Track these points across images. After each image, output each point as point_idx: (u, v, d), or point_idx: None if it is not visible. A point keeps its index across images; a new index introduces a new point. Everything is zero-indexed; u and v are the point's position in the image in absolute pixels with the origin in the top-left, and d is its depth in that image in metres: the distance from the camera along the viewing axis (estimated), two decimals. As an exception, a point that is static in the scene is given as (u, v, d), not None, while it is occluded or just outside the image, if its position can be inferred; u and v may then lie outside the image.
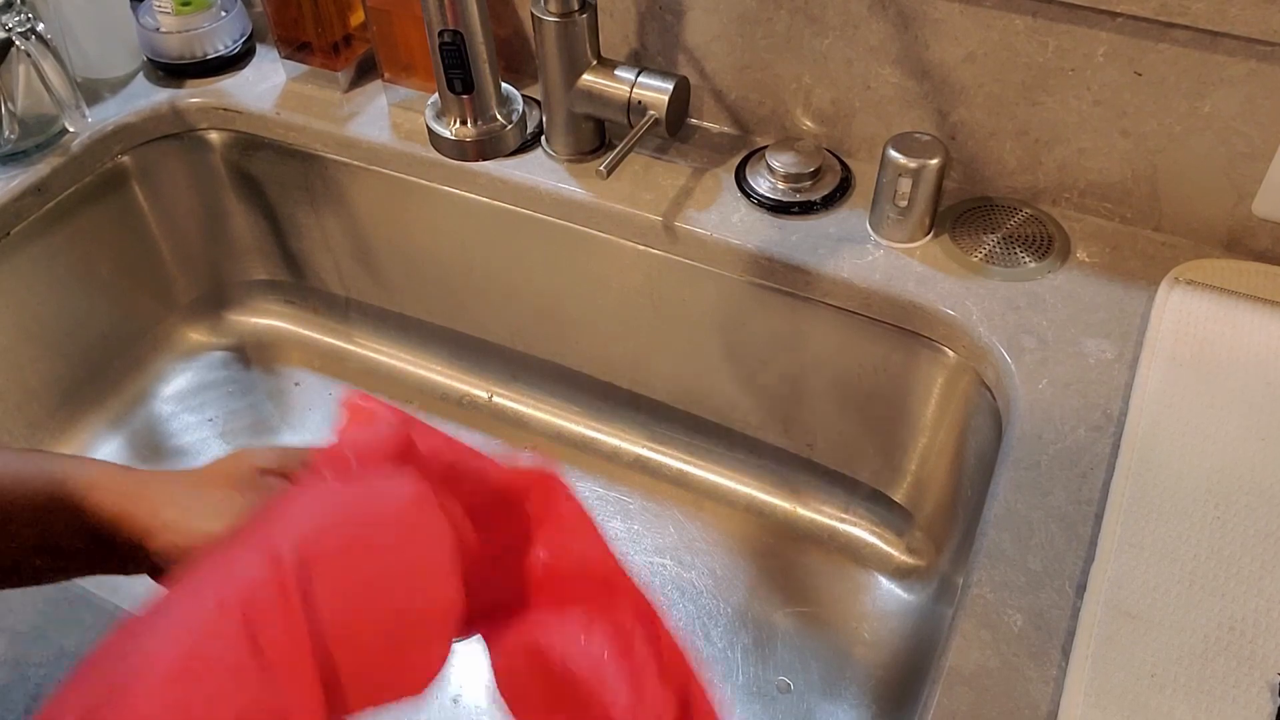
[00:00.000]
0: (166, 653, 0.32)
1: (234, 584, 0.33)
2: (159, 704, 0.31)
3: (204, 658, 0.32)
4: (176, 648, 0.32)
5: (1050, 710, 0.47)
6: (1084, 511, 0.54)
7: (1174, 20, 0.59)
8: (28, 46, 0.73)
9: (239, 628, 0.32)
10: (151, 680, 0.31)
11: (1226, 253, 0.67)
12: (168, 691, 0.31)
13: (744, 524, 0.83)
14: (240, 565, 0.34)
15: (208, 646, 0.32)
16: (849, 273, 0.68)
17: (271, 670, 0.32)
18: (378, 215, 0.86)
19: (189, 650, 0.32)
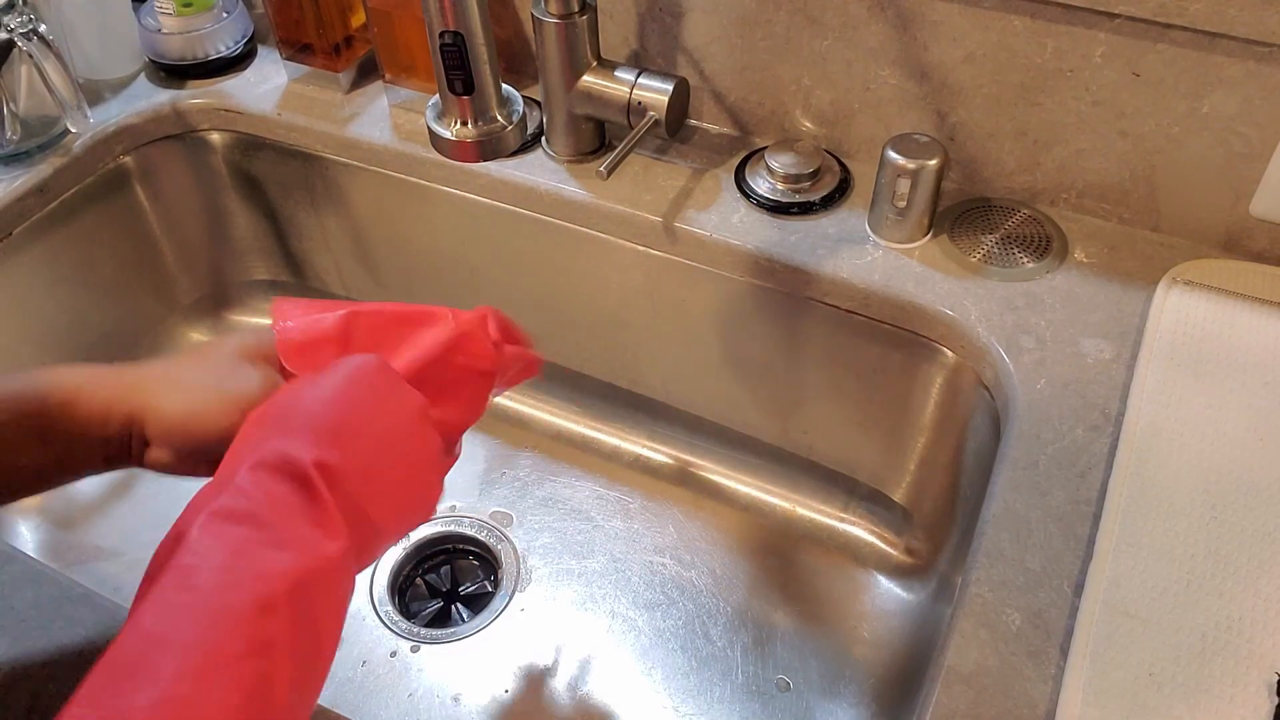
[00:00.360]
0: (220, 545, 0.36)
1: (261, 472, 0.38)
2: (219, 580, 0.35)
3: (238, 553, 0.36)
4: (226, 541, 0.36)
5: (1048, 709, 0.47)
6: (1082, 511, 0.54)
7: (1172, 21, 0.59)
8: (30, 47, 0.73)
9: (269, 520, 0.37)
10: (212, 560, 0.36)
11: (1224, 253, 0.67)
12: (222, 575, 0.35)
13: (744, 524, 0.83)
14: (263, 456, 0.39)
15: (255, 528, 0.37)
16: (848, 273, 0.68)
17: (302, 542, 0.37)
18: (378, 216, 0.86)
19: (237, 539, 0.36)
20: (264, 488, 0.38)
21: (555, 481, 0.86)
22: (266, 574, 0.35)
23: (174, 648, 0.33)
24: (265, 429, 0.41)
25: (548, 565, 0.80)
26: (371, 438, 0.42)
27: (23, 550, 0.60)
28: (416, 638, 0.76)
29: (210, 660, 0.33)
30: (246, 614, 0.34)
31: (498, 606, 0.78)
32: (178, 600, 0.35)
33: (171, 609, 0.34)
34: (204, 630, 0.34)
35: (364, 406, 0.42)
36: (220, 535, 0.36)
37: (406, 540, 0.82)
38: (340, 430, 0.41)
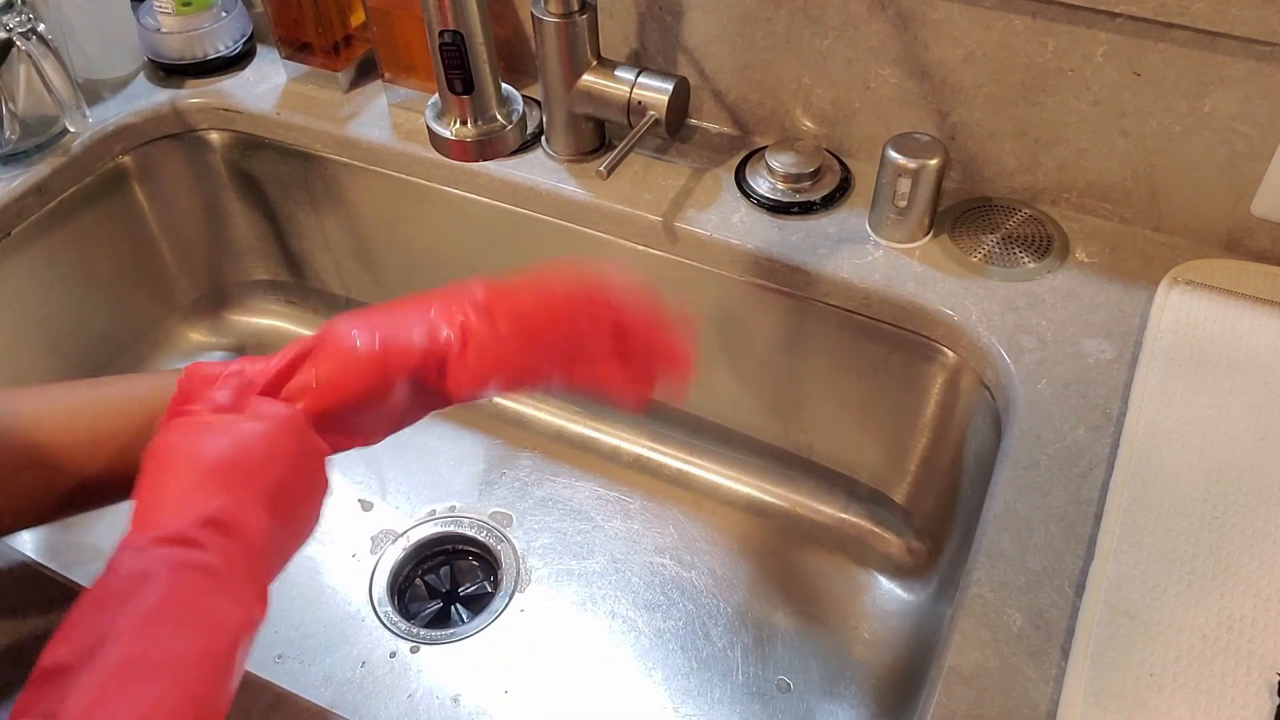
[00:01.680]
0: None
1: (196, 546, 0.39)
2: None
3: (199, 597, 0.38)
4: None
5: (1049, 710, 0.47)
6: (1083, 511, 0.54)
7: (1173, 20, 0.59)
8: (28, 47, 0.73)
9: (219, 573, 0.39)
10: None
11: (1225, 253, 0.67)
12: None
13: (744, 524, 0.83)
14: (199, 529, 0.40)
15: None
16: (848, 273, 0.68)
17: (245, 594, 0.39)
18: (378, 215, 0.86)
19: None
20: (219, 546, 0.39)
21: (555, 482, 0.86)
22: (223, 628, 0.38)
23: (152, 678, 0.35)
24: (204, 473, 0.41)
25: (548, 566, 0.80)
26: (289, 500, 0.43)
27: (22, 550, 0.60)
28: (416, 638, 0.76)
29: (184, 694, 0.35)
30: (216, 664, 0.37)
31: (497, 607, 0.78)
32: (146, 629, 0.36)
33: (164, 641, 0.36)
34: (177, 665, 0.36)
35: (291, 465, 0.43)
36: (188, 586, 0.38)
37: (406, 540, 0.82)
38: (273, 496, 0.42)
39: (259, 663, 0.75)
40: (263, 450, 0.43)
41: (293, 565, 0.62)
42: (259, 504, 0.41)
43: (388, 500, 0.85)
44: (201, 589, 0.38)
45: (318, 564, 0.80)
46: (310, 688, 0.73)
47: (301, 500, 0.44)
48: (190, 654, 0.36)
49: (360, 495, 0.85)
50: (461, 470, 0.87)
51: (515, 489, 0.85)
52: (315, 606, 0.78)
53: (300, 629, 0.76)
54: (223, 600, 0.38)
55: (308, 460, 0.45)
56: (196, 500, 0.40)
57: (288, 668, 0.74)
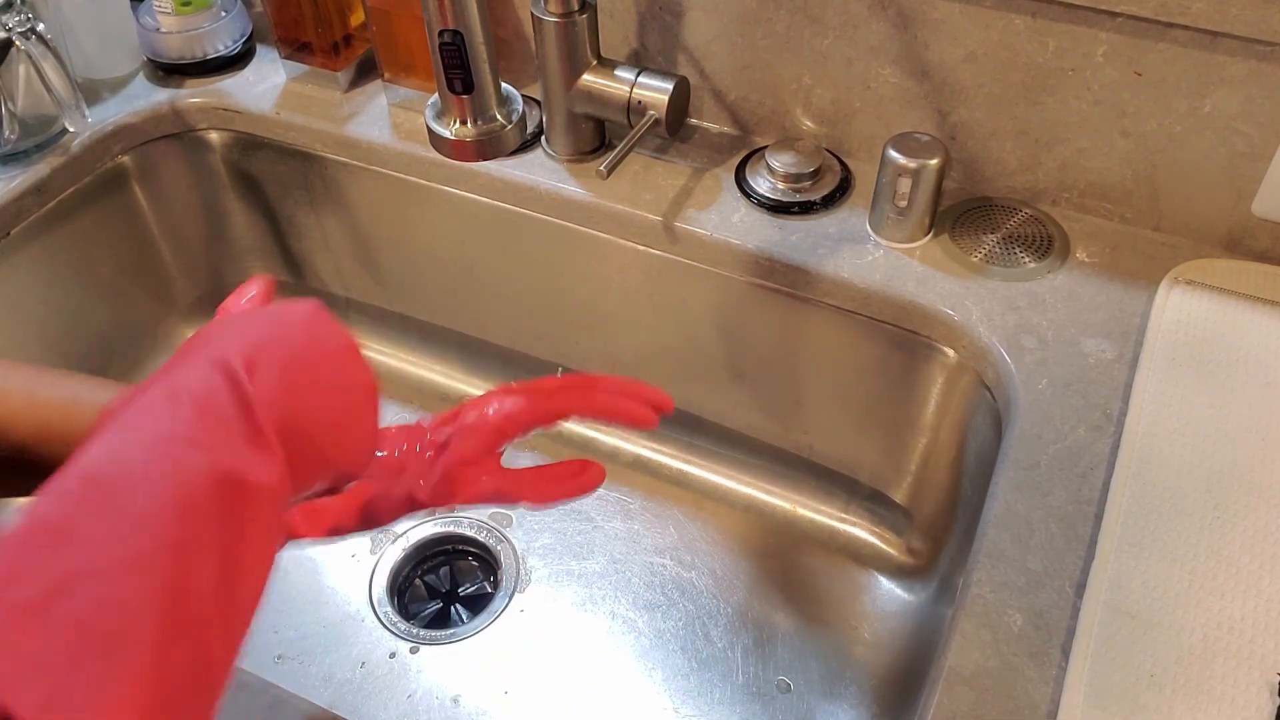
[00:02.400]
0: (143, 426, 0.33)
1: (190, 380, 0.35)
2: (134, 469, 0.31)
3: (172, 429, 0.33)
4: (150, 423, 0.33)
5: (1050, 710, 0.47)
6: (1084, 511, 0.54)
7: (1174, 20, 0.59)
8: (28, 46, 0.73)
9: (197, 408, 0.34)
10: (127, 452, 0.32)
11: (1226, 253, 0.67)
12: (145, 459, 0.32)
13: (744, 524, 0.83)
14: (192, 369, 0.36)
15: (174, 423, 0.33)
16: (849, 273, 0.68)
17: (238, 434, 0.34)
18: (378, 215, 0.86)
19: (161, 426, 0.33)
20: (206, 383, 0.35)
21: (555, 482, 0.86)
22: (190, 469, 0.32)
23: (71, 540, 0.29)
24: (199, 344, 0.38)
25: (547, 566, 0.80)
26: (308, 362, 0.39)
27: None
28: (416, 639, 0.76)
29: (110, 556, 0.29)
30: (165, 509, 0.31)
31: (497, 607, 0.78)
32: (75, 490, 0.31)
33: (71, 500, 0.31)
34: (105, 523, 0.30)
35: (299, 334, 0.40)
36: (156, 416, 0.33)
37: (406, 541, 0.82)
38: (273, 348, 0.38)
39: (259, 663, 0.75)
40: (280, 318, 0.39)
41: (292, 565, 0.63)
42: (277, 361, 0.37)
43: (387, 500, 0.85)
44: (173, 430, 0.32)
45: (317, 564, 0.80)
46: (310, 688, 0.73)
47: (334, 384, 0.40)
48: (126, 508, 0.30)
49: (360, 495, 0.85)
50: (461, 470, 0.87)
51: (515, 489, 0.85)
52: (315, 607, 0.78)
53: (300, 629, 0.76)
54: (198, 450, 0.32)
55: (337, 347, 0.41)
56: (198, 355, 0.36)
57: (287, 668, 0.74)
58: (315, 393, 0.39)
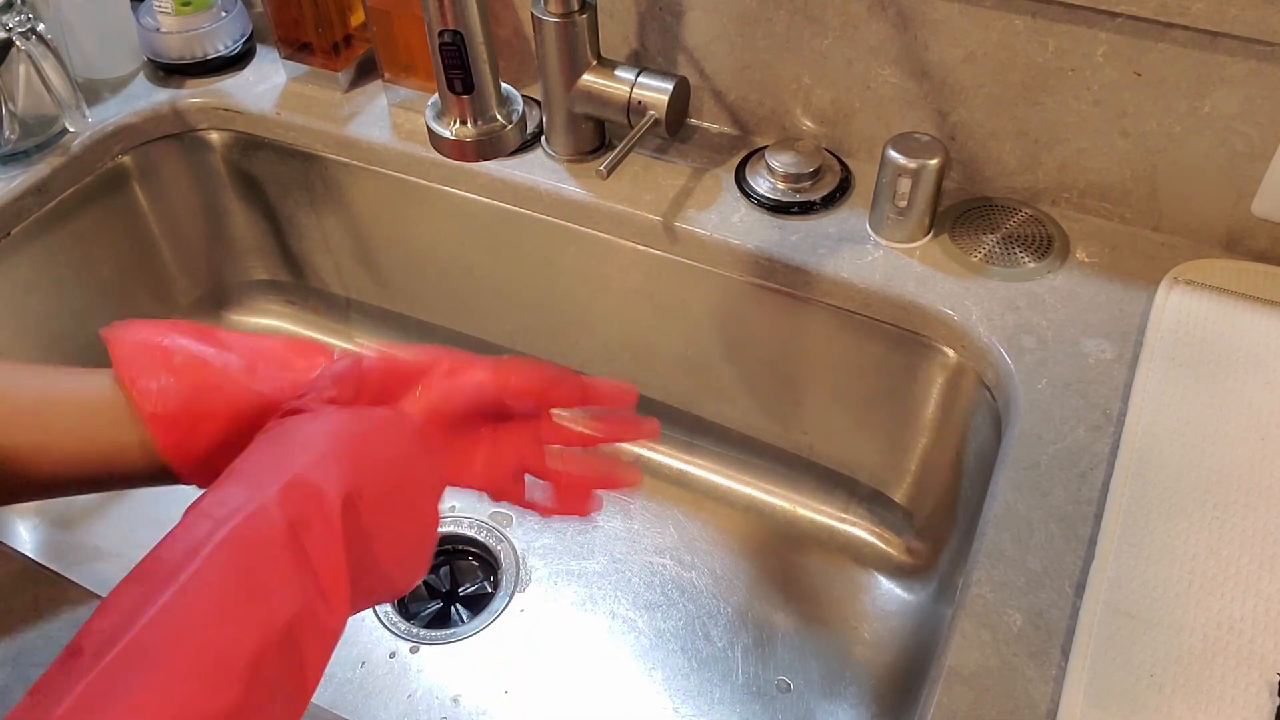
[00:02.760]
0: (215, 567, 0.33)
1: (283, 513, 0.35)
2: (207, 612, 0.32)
3: (251, 574, 0.34)
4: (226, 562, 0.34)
5: (1050, 710, 0.47)
6: (1083, 511, 0.54)
7: (1174, 20, 0.59)
8: (28, 46, 0.73)
9: (288, 548, 0.34)
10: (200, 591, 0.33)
11: (1226, 253, 0.67)
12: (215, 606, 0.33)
13: (744, 524, 0.83)
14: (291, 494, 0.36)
15: (257, 564, 0.34)
16: (849, 273, 0.68)
17: (315, 579, 0.35)
18: (378, 215, 0.86)
19: (239, 567, 0.34)
20: (298, 515, 0.35)
21: (555, 481, 0.86)
22: (267, 614, 0.33)
23: (165, 674, 0.31)
24: (282, 449, 0.38)
25: (547, 566, 0.80)
26: (388, 484, 0.39)
27: (22, 550, 0.60)
28: (416, 639, 0.76)
29: (198, 694, 0.31)
30: (236, 655, 0.32)
31: (497, 607, 0.78)
32: (176, 618, 0.32)
33: (169, 628, 0.32)
34: (195, 655, 0.32)
35: (385, 449, 0.40)
36: (232, 562, 0.34)
37: (406, 540, 0.81)
38: (361, 467, 0.38)
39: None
40: (374, 430, 0.39)
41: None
42: (361, 482, 0.37)
43: (388, 500, 0.85)
44: (253, 564, 0.33)
45: (318, 564, 0.80)
46: (310, 688, 0.73)
47: (409, 508, 0.40)
48: (210, 646, 0.31)
49: (360, 495, 0.85)
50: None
51: (515, 489, 0.85)
52: (315, 606, 0.78)
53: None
54: (277, 582, 0.33)
55: (420, 466, 0.41)
56: (284, 465, 0.36)
57: (288, 668, 0.74)
58: (398, 530, 0.40)
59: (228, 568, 0.34)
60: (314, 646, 0.35)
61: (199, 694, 0.31)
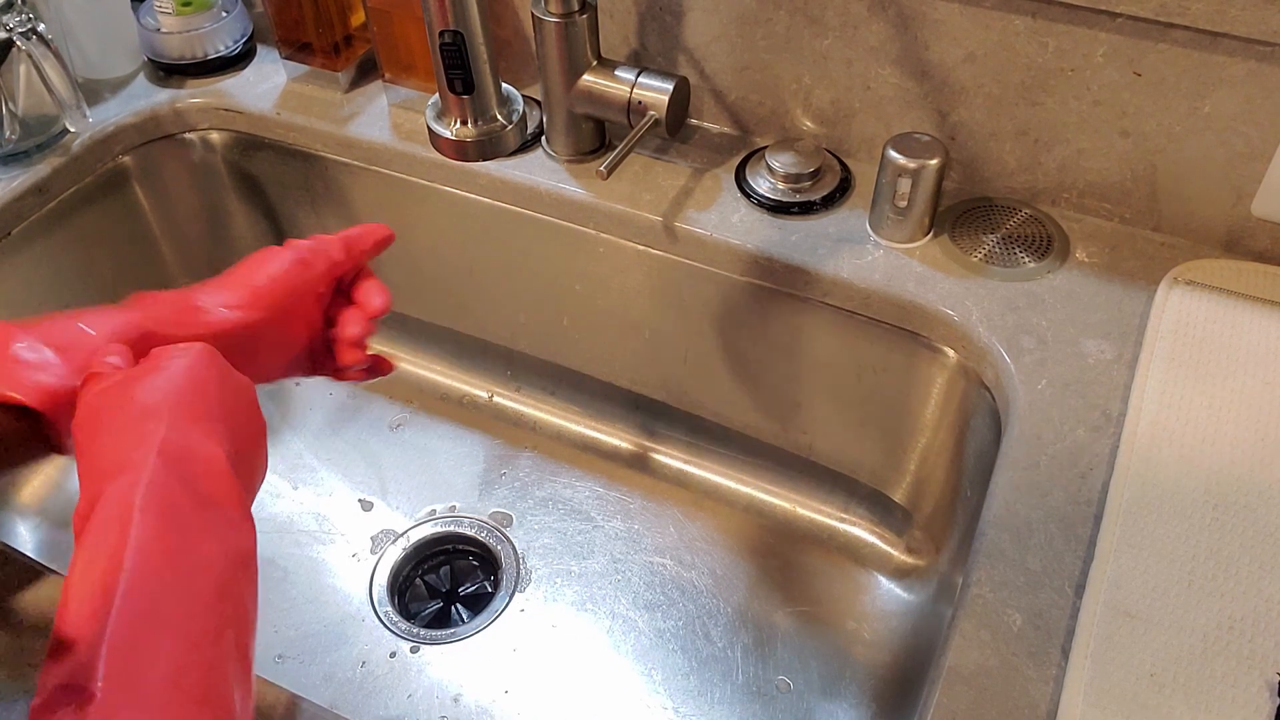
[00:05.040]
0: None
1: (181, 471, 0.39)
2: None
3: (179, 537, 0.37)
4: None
5: (1050, 710, 0.47)
6: (1083, 512, 0.54)
7: (1174, 21, 0.59)
8: (29, 47, 0.73)
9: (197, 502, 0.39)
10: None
11: (1225, 253, 0.67)
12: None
13: (744, 524, 0.83)
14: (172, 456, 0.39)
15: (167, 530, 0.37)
16: (849, 273, 0.68)
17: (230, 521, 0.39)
18: (378, 215, 0.86)
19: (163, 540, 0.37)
20: (182, 478, 0.39)
21: (555, 481, 0.86)
22: (210, 561, 0.37)
23: (167, 640, 0.35)
24: (140, 414, 0.40)
25: (547, 566, 0.80)
26: (236, 422, 0.43)
27: (22, 550, 0.60)
28: (416, 638, 0.76)
29: (197, 653, 0.35)
30: (208, 600, 0.37)
31: (497, 607, 0.78)
32: (151, 593, 0.36)
33: (150, 601, 0.36)
34: (184, 619, 0.36)
35: (222, 393, 0.43)
36: (160, 528, 0.37)
37: (406, 540, 0.82)
38: (215, 416, 0.42)
39: (259, 663, 0.75)
40: (192, 380, 0.42)
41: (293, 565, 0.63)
42: (209, 432, 0.40)
43: (388, 500, 0.85)
44: (182, 528, 0.37)
45: (318, 564, 0.80)
46: (310, 688, 0.73)
47: (245, 427, 0.44)
48: (192, 598, 0.36)
49: (360, 495, 0.85)
50: (461, 470, 0.87)
51: (515, 489, 0.85)
52: (315, 606, 0.78)
53: (300, 629, 0.76)
54: (206, 536, 0.38)
55: (236, 388, 0.44)
56: (144, 438, 0.39)
57: (288, 668, 0.75)
58: (250, 438, 0.44)
59: (153, 545, 0.37)
60: (251, 571, 0.39)
61: (187, 670, 0.35)
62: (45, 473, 0.85)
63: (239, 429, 0.43)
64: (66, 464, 0.86)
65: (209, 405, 0.42)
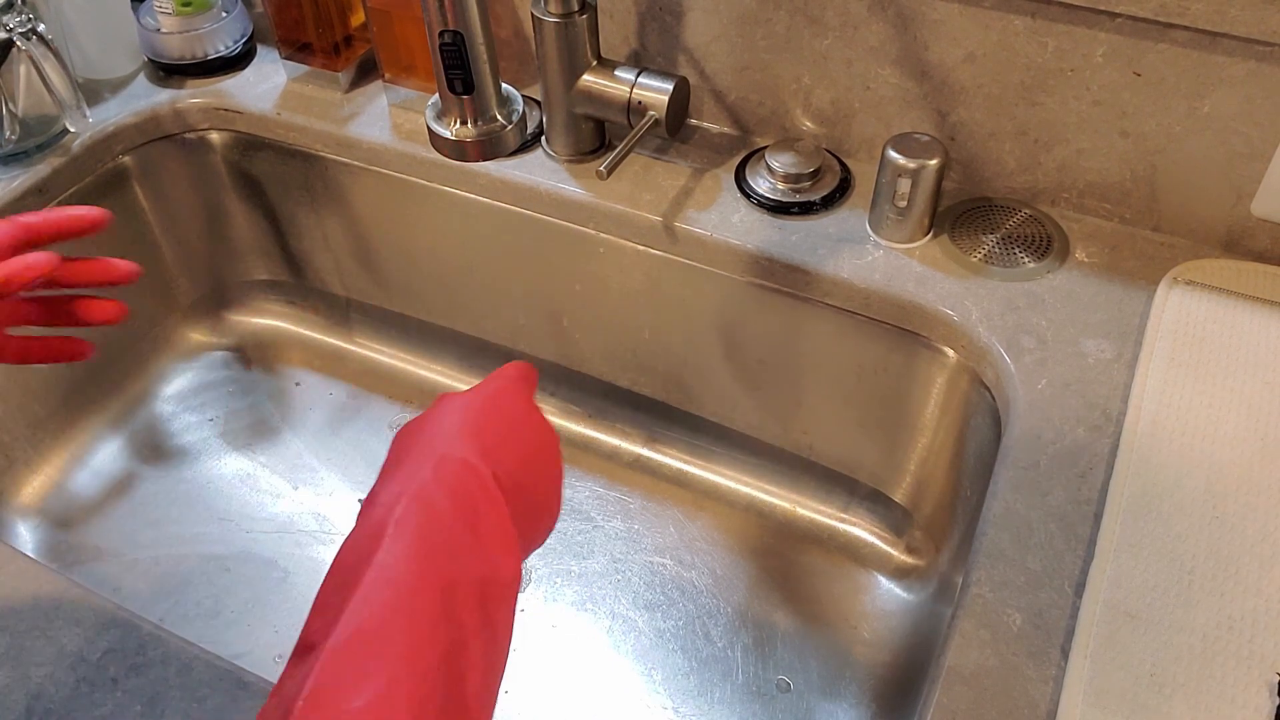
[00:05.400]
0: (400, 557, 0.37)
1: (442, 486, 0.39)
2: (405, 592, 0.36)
3: (435, 550, 0.37)
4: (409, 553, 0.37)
5: (1049, 709, 0.47)
6: (1083, 511, 0.54)
7: (1173, 21, 0.59)
8: (29, 47, 0.73)
9: (459, 518, 0.39)
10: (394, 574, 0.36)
11: (1225, 253, 0.67)
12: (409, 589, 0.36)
13: (744, 524, 0.83)
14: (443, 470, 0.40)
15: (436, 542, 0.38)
16: (848, 273, 0.68)
17: (487, 546, 0.39)
18: (378, 215, 0.86)
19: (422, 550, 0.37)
20: (450, 490, 0.39)
21: (555, 481, 0.86)
22: (455, 579, 0.37)
23: (383, 648, 0.35)
24: (430, 439, 0.42)
25: (547, 565, 0.80)
26: (523, 456, 0.44)
27: (22, 550, 0.60)
28: (416, 638, 0.76)
29: (415, 662, 0.35)
30: (438, 615, 0.36)
31: (497, 607, 0.78)
32: (381, 598, 0.36)
33: (377, 607, 0.36)
34: (407, 630, 0.35)
35: (516, 424, 0.44)
36: (414, 536, 0.37)
37: (406, 540, 0.82)
38: (503, 445, 0.42)
39: (259, 663, 0.75)
40: (502, 403, 0.43)
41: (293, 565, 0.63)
42: (504, 453, 0.41)
43: (388, 500, 0.85)
44: (436, 544, 0.37)
45: (318, 564, 0.80)
46: (310, 688, 0.73)
47: (539, 463, 0.44)
48: (422, 617, 0.35)
49: (360, 495, 0.85)
50: (461, 470, 0.87)
51: (515, 489, 0.85)
52: (315, 606, 0.78)
53: (301, 629, 0.76)
54: (461, 555, 0.37)
55: (539, 423, 0.45)
56: (436, 451, 0.40)
57: (288, 668, 0.74)
58: (538, 478, 0.44)
59: (410, 541, 0.37)
60: (500, 603, 0.39)
61: (411, 659, 0.34)
62: (45, 473, 0.85)
63: (532, 459, 0.43)
64: (67, 464, 0.86)
65: (510, 427, 0.43)
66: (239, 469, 0.87)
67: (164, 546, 0.81)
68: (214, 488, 0.86)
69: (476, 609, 0.37)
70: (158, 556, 0.80)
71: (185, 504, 0.84)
